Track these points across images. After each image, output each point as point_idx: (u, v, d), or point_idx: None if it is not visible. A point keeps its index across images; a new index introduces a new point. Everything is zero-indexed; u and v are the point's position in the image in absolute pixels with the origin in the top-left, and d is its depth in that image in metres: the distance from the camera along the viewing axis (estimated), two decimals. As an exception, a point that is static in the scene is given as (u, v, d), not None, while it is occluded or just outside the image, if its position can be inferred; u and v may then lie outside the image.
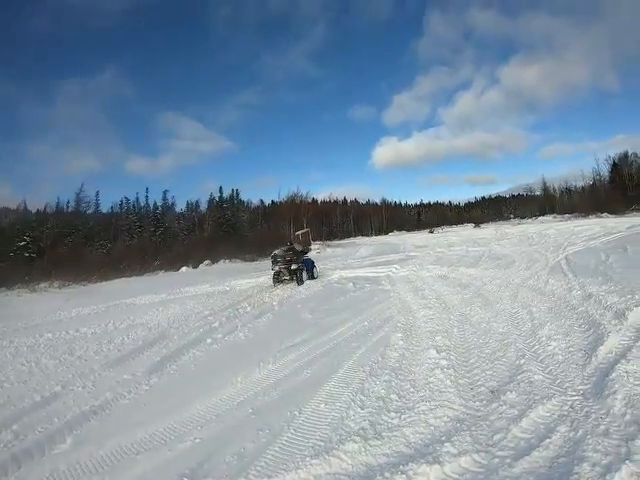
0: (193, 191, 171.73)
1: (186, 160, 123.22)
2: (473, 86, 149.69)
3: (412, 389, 4.43)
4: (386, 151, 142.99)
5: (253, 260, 33.11)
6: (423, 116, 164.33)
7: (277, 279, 14.58)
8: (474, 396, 4.10)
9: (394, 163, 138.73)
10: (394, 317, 7.75)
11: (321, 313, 8.84)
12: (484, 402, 3.93)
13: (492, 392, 4.14)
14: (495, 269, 12.72)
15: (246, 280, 16.59)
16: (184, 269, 29.92)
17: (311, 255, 16.94)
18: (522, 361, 4.82)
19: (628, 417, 3.29)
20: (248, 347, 6.89)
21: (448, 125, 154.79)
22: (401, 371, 5.00)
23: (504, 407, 3.74)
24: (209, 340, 7.37)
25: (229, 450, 3.52)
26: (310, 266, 15.31)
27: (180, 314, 10.13)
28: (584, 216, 52.11)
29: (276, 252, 14.98)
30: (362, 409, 4.07)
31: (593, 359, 4.62)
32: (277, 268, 14.54)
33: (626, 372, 4.08)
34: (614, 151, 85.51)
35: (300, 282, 14.01)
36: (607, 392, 3.72)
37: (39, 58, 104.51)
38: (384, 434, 3.53)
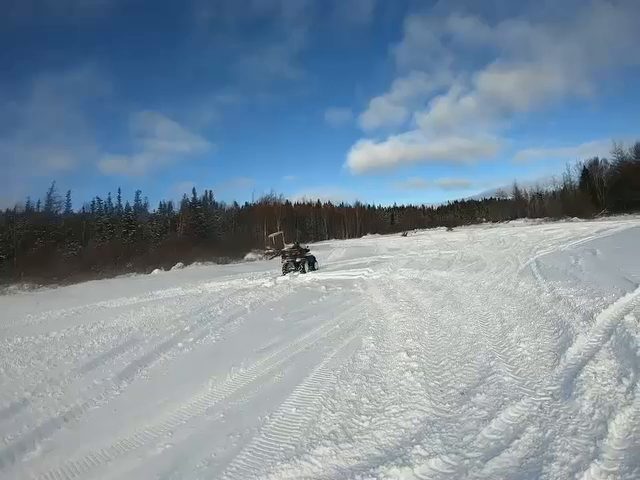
0: (167, 192, 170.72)
1: (161, 160, 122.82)
2: (450, 92, 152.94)
3: (383, 392, 4.46)
4: (361, 154, 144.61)
5: (226, 263, 33.45)
6: (399, 120, 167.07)
7: (286, 269, 18.34)
8: (444, 398, 4.14)
9: (369, 166, 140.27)
10: (366, 320, 7.80)
11: (293, 316, 8.85)
12: (454, 404, 3.98)
13: (462, 394, 4.19)
14: (467, 272, 12.95)
15: (219, 283, 16.56)
16: (156, 271, 29.93)
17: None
18: (492, 363, 4.91)
19: (596, 417, 3.38)
20: (219, 351, 6.85)
21: (424, 129, 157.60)
22: (372, 374, 5.02)
23: (474, 409, 3.79)
24: (180, 344, 7.31)
25: (200, 456, 3.51)
26: (312, 260, 19.43)
27: (151, 318, 10.04)
28: (554, 220, 53.80)
29: (285, 250, 19.46)
30: (333, 412, 4.08)
31: (562, 360, 4.74)
32: (286, 261, 18.64)
33: (594, 373, 4.20)
34: (585, 157, 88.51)
35: (303, 271, 17.79)
36: (575, 392, 3.82)
37: (11, 51, 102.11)
38: (355, 437, 3.55)
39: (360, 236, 78.52)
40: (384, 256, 23.45)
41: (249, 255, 37.91)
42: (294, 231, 64.28)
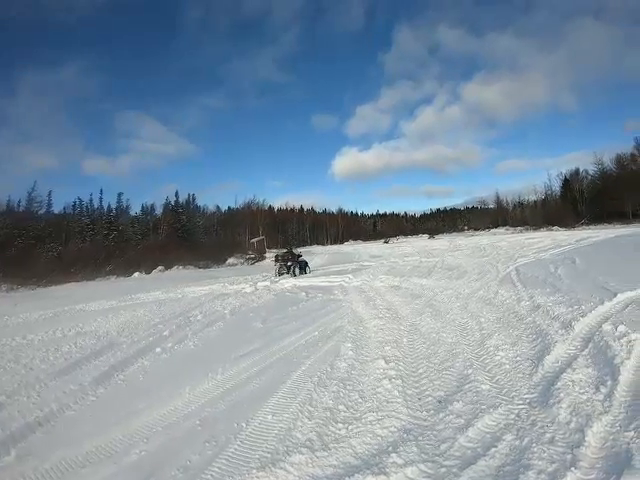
0: (149, 194, 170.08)
1: (145, 162, 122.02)
2: (435, 101, 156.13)
3: (360, 400, 4.43)
4: (346, 161, 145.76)
5: (207, 267, 33.49)
6: (385, 128, 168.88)
7: (279, 272, 20.17)
8: (421, 406, 4.13)
9: (353, 173, 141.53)
10: (345, 327, 7.77)
11: (272, 322, 8.80)
12: (431, 412, 3.97)
13: (439, 402, 4.19)
14: (447, 280, 13.05)
15: (199, 287, 16.51)
16: (137, 275, 29.90)
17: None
18: (470, 371, 4.92)
19: (573, 425, 3.41)
20: (197, 357, 6.77)
21: (409, 138, 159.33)
22: (350, 381, 4.99)
23: (451, 417, 3.79)
24: (158, 349, 7.22)
25: (175, 463, 3.45)
26: (303, 265, 21.14)
27: (130, 322, 9.96)
28: (535, 229, 54.79)
29: (278, 254, 21.91)
30: (310, 420, 4.04)
31: (540, 368, 4.78)
32: (279, 265, 20.58)
33: (572, 381, 4.25)
34: (567, 168, 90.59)
35: (293, 274, 19.59)
36: (553, 401, 3.84)
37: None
38: (331, 445, 3.52)
39: (342, 242, 79.06)
40: (365, 263, 23.59)
41: (231, 260, 37.87)
42: (277, 236, 64.47)
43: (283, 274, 19.80)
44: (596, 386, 4.08)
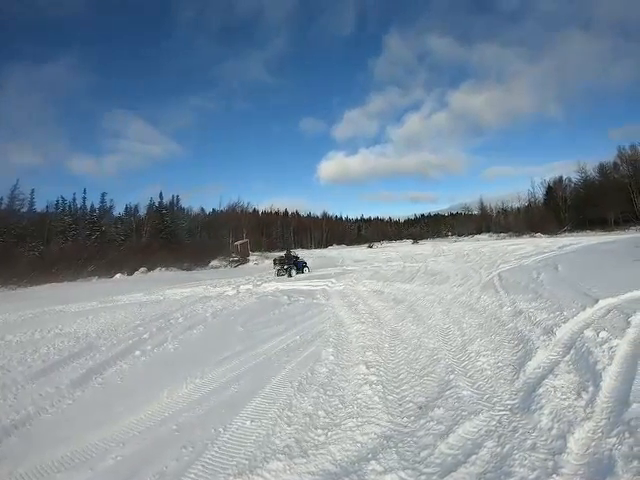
0: (134, 195, 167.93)
1: (131, 162, 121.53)
2: (423, 108, 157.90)
3: (340, 405, 4.39)
4: (332, 165, 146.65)
5: (190, 269, 33.30)
6: (372, 133, 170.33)
7: (277, 273, 22.08)
8: (402, 412, 4.10)
9: (339, 177, 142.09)
10: (326, 331, 7.74)
11: (253, 326, 8.74)
12: (412, 418, 3.95)
13: (420, 408, 4.16)
14: (430, 285, 13.09)
15: (181, 290, 16.45)
16: (119, 276, 29.70)
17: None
18: (451, 377, 4.91)
19: (555, 431, 3.40)
20: (177, 360, 6.69)
21: (395, 143, 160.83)
22: (330, 387, 4.95)
23: (432, 423, 3.76)
24: (137, 352, 7.13)
25: (151, 469, 3.43)
26: (301, 266, 23.01)
27: (110, 323, 9.88)
28: (518, 235, 55.44)
29: (275, 257, 24.26)
30: (289, 426, 4.00)
31: (521, 374, 4.79)
32: (277, 267, 22.54)
33: (553, 387, 4.25)
34: (550, 175, 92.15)
35: (289, 275, 21.36)
36: (534, 407, 3.84)
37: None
38: (310, 452, 3.48)
39: (326, 246, 79.18)
40: (349, 267, 23.68)
41: (214, 262, 37.68)
42: (261, 239, 64.27)
43: (282, 275, 21.56)
44: (578, 392, 4.10)
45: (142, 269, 32.09)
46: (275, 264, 23.13)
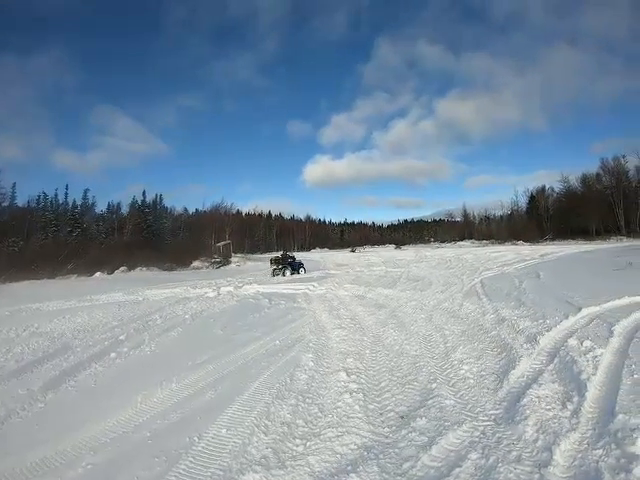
0: (117, 192, 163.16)
1: (116, 159, 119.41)
2: (410, 114, 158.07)
3: (320, 414, 4.28)
4: (318, 168, 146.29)
5: (172, 270, 32.94)
6: (358, 138, 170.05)
7: (273, 273, 22.98)
8: (383, 422, 4.00)
9: (324, 181, 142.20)
10: (307, 336, 7.61)
11: (233, 329, 8.57)
12: (393, 428, 3.84)
13: (402, 418, 4.06)
14: (412, 291, 13.06)
15: (161, 290, 16.12)
16: (99, 274, 29.45)
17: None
18: (434, 385, 4.83)
19: (540, 443, 3.34)
20: (153, 364, 6.51)
21: (381, 149, 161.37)
22: (309, 394, 4.83)
23: (414, 434, 3.66)
24: (113, 354, 6.93)
25: (122, 479, 3.29)
26: (297, 266, 23.98)
27: (87, 324, 9.64)
28: (500, 243, 56.01)
29: (272, 258, 25.03)
30: (266, 435, 3.87)
31: (505, 384, 4.72)
32: (273, 267, 23.53)
33: (538, 397, 4.20)
34: (533, 185, 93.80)
35: (283, 275, 22.36)
36: (519, 417, 3.78)
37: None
38: (287, 463, 3.37)
39: (309, 250, 79.15)
40: (331, 271, 23.56)
41: (196, 263, 37.29)
42: (244, 241, 63.91)
43: (277, 274, 22.67)
44: (563, 402, 4.05)
45: (122, 268, 31.80)
46: (272, 263, 24.13)
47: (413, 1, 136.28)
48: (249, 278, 21.52)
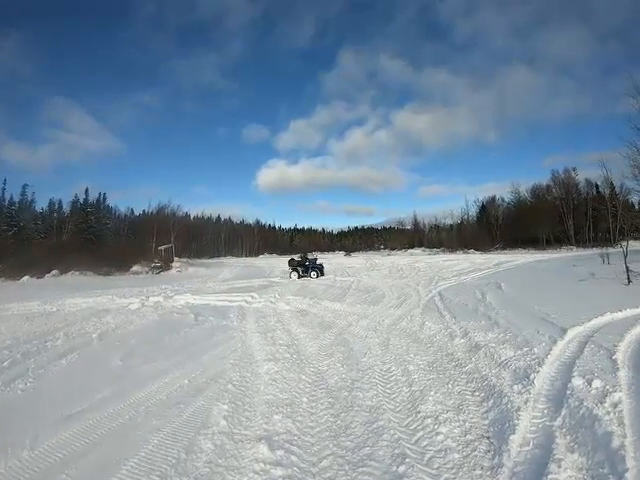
0: (64, 190, 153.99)
1: (67, 155, 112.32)
2: (367, 124, 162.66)
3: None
4: (272, 173, 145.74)
5: (109, 274, 30.95)
6: (314, 144, 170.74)
7: (290, 275, 22.86)
8: None
9: (277, 186, 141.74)
10: (227, 373, 5.84)
11: (138, 358, 6.87)
12: None
13: None
14: (363, 304, 11.68)
15: (83, 300, 14.25)
16: (26, 278, 27.58)
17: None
18: (402, 468, 3.17)
19: None
20: (19, 409, 4.91)
21: (336, 156, 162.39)
22: (209, 484, 3.11)
23: None
24: None
25: None
26: (318, 268, 23.46)
27: None
28: (451, 251, 56.70)
29: (291, 260, 24.56)
30: None
31: (505, 458, 3.20)
32: (292, 269, 23.29)
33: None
34: (483, 195, 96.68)
35: (307, 276, 22.48)
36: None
37: None
38: None
39: (257, 255, 78.37)
40: (275, 279, 22.28)
41: (135, 267, 35.02)
42: (190, 245, 62.25)
43: (294, 276, 22.58)
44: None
45: (54, 272, 29.67)
46: (291, 265, 23.82)
47: (379, 14, 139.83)
48: (187, 285, 19.83)
